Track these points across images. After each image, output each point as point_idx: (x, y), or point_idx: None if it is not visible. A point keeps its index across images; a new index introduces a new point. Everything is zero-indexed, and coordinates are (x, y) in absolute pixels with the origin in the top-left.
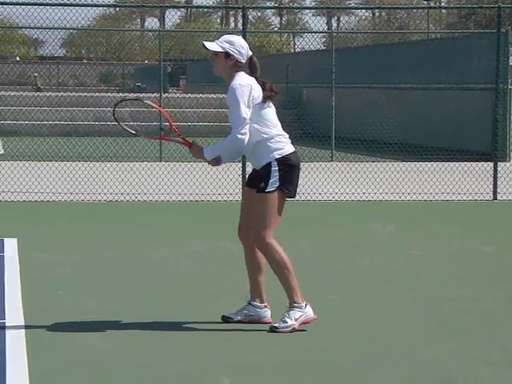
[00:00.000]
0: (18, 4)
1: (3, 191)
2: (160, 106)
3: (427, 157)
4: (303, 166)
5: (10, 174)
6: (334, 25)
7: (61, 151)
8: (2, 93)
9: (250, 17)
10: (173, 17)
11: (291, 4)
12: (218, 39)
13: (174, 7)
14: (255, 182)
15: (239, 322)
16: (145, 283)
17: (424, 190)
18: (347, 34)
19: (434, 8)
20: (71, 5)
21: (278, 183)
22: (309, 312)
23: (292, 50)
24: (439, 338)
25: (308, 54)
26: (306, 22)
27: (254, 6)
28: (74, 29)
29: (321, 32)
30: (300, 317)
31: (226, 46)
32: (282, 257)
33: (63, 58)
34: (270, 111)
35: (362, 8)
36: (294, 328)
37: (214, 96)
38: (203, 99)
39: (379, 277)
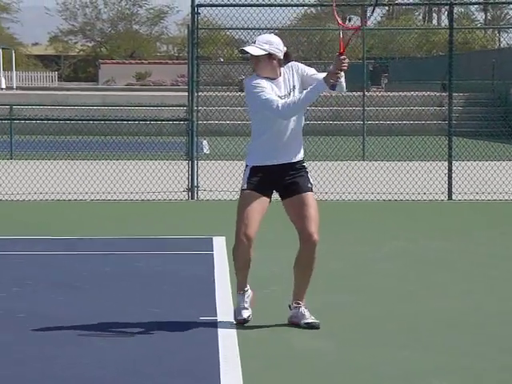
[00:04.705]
0: (223, 5)
1: (211, 190)
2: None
3: None
4: (509, 164)
5: (217, 174)
6: None
7: None
8: (209, 93)
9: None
10: (378, 14)
11: None
12: (255, 43)
13: (378, 5)
14: (298, 184)
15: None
16: (347, 282)
17: None
18: None
19: None
20: (277, 5)
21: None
22: None
23: (497, 46)
24: None
25: None
26: None
27: (461, 1)
28: (276, 29)
29: None
30: None
31: (267, 47)
32: None
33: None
34: None
35: None
36: None
37: (417, 94)
38: (406, 97)
39: None
